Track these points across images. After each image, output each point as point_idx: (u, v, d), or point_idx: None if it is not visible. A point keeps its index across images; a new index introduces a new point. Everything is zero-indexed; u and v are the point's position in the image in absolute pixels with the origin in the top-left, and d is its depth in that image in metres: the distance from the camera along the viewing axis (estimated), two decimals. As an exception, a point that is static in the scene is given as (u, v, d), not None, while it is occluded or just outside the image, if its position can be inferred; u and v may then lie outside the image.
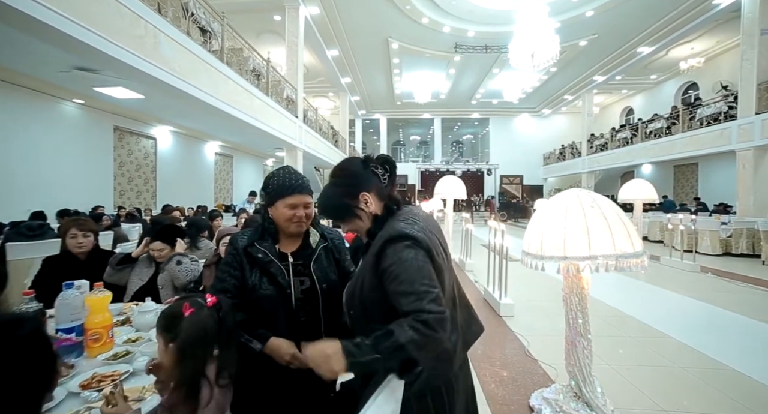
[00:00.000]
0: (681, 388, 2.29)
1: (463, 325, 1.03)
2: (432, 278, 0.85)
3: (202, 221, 2.87)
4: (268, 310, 1.13)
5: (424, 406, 0.91)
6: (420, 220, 0.95)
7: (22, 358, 0.47)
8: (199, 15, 5.39)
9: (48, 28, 2.97)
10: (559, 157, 18.72)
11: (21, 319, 0.50)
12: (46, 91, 6.19)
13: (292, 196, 1.16)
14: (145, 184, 8.88)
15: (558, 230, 1.72)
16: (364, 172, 1.01)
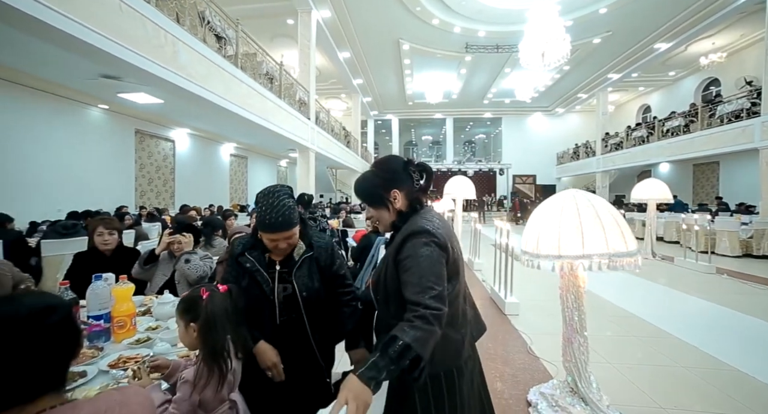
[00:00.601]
0: (680, 387, 2.30)
1: (472, 320, 1.13)
2: (440, 276, 0.93)
3: (216, 220, 3.04)
4: (255, 309, 1.25)
5: (437, 386, 1.00)
6: (438, 219, 1.06)
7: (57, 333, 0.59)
8: (215, 23, 5.60)
9: (78, 41, 3.19)
10: (573, 157, 18.42)
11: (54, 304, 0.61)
12: (75, 98, 6.55)
13: (271, 233, 1.23)
14: (164, 184, 9.24)
15: (553, 230, 1.78)
16: (402, 172, 1.11)
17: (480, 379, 1.17)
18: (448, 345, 0.99)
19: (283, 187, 1.30)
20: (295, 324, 1.29)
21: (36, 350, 0.56)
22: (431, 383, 0.99)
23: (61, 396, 0.60)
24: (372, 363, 0.80)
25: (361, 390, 0.76)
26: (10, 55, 4.87)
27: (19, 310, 0.56)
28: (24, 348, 0.55)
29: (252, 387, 1.21)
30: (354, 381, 0.77)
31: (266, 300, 1.27)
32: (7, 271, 1.82)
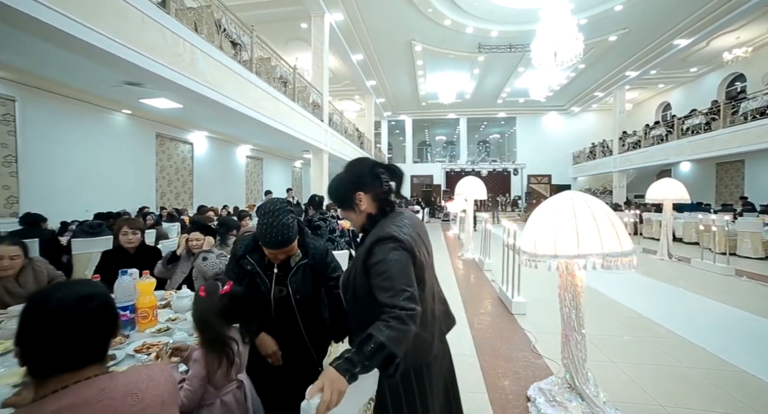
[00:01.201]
0: (682, 386, 2.31)
1: (440, 316, 1.20)
2: (410, 279, 0.99)
3: (231, 221, 3.20)
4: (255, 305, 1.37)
5: (407, 381, 1.09)
6: (408, 224, 1.10)
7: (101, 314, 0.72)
8: (231, 30, 5.81)
9: (105, 53, 3.41)
10: (589, 156, 18.05)
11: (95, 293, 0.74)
12: (101, 104, 6.91)
13: (270, 249, 1.36)
14: (183, 186, 9.59)
15: (550, 230, 1.84)
16: (368, 174, 1.14)
17: (449, 370, 1.24)
18: (419, 343, 1.06)
19: (282, 204, 1.37)
20: (289, 321, 1.43)
21: (81, 328, 0.69)
22: (401, 378, 1.05)
23: (103, 367, 0.74)
24: (347, 358, 0.86)
25: (336, 378, 0.82)
26: (45, 67, 5.21)
27: (68, 295, 0.70)
28: (72, 326, 0.68)
29: (256, 371, 1.33)
30: (331, 370, 0.84)
31: (264, 299, 1.41)
32: (42, 268, 2.01)
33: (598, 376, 2.23)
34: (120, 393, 0.68)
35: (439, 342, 1.15)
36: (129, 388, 0.70)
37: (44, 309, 0.67)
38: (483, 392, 2.23)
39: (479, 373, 2.46)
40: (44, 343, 0.66)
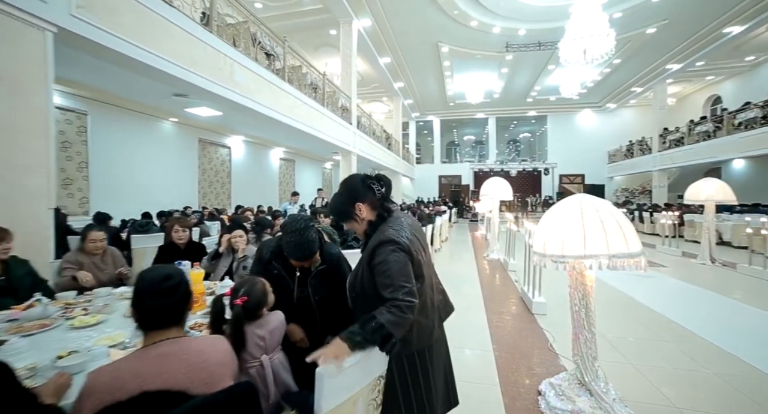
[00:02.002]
0: (702, 390, 2.30)
1: (439, 305, 1.37)
2: (409, 276, 1.15)
3: (266, 220, 3.51)
4: (280, 303, 1.56)
5: (413, 362, 1.26)
6: (405, 227, 1.26)
7: (178, 289, 0.97)
8: (265, 42, 6.22)
9: (157, 71, 3.87)
10: (626, 155, 17.16)
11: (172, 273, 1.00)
12: (152, 114, 7.62)
13: (297, 261, 1.59)
14: (221, 187, 10.27)
15: (558, 231, 1.94)
16: (361, 186, 1.30)
17: (446, 353, 1.40)
18: (422, 330, 1.23)
19: (306, 221, 1.56)
20: (310, 318, 1.65)
21: (163, 297, 0.95)
22: (408, 360, 1.23)
23: (182, 331, 1.01)
24: (350, 330, 1.03)
25: (340, 344, 1.00)
26: (110, 84, 5.89)
27: (157, 274, 0.98)
28: (157, 295, 0.95)
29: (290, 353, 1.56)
30: (337, 339, 1.02)
31: (286, 297, 1.62)
32: (117, 253, 2.55)
33: (613, 375, 2.29)
34: (193, 351, 0.95)
35: (438, 328, 1.32)
36: (199, 349, 0.97)
37: (141, 283, 0.96)
38: (495, 385, 2.34)
39: (494, 368, 2.57)
40: (143, 307, 0.95)
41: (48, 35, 2.80)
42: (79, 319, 1.66)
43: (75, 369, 1.17)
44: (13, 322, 1.64)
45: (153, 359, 0.90)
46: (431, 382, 1.26)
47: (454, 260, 7.11)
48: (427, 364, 1.27)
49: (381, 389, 1.19)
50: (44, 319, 1.66)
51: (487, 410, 2.07)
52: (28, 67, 2.68)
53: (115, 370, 0.88)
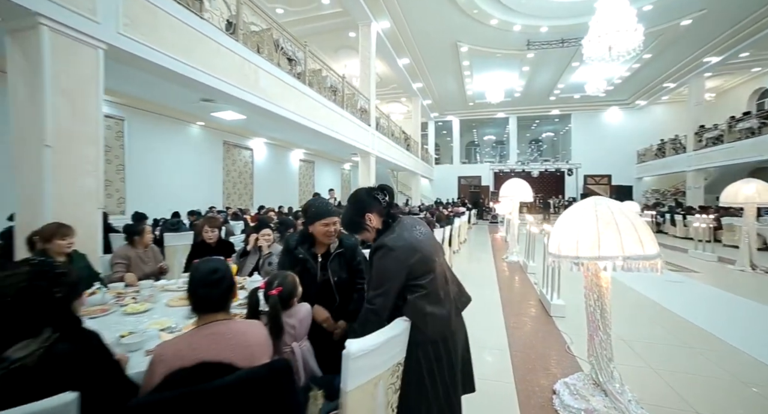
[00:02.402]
0: (728, 397, 2.26)
1: (455, 295, 1.45)
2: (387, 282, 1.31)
3: (289, 220, 3.68)
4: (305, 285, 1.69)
5: (435, 348, 1.34)
6: (405, 231, 1.38)
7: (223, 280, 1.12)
8: (287, 48, 6.44)
9: (187, 79, 4.11)
10: (657, 154, 16.45)
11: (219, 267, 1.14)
12: (181, 118, 8.01)
13: (326, 218, 1.77)
14: (244, 188, 10.65)
15: (572, 233, 1.97)
16: (367, 198, 1.44)
17: (464, 342, 1.49)
18: (437, 320, 1.32)
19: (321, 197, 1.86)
20: (330, 298, 1.81)
21: (211, 286, 1.12)
22: (432, 347, 1.32)
23: (229, 315, 1.18)
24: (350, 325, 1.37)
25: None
26: (144, 91, 6.28)
27: (205, 267, 1.15)
28: (206, 284, 1.11)
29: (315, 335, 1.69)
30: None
31: (311, 280, 1.78)
32: (156, 250, 2.75)
33: (632, 379, 2.30)
34: (238, 332, 1.11)
35: (455, 317, 1.40)
36: (243, 330, 1.14)
37: (195, 275, 1.15)
38: (510, 383, 2.39)
39: (509, 367, 2.61)
40: (195, 294, 1.13)
41: (100, 52, 3.07)
42: (131, 307, 1.91)
43: (134, 347, 1.39)
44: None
45: (206, 336, 1.08)
46: (454, 368, 1.35)
47: (472, 262, 7.10)
48: (450, 351, 1.35)
49: (399, 375, 1.28)
50: (104, 305, 1.94)
51: (500, 407, 2.12)
52: (83, 81, 2.95)
53: (176, 344, 1.07)
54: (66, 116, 2.84)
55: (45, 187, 2.72)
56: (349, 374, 1.04)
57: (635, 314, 3.87)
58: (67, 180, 2.85)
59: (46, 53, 2.70)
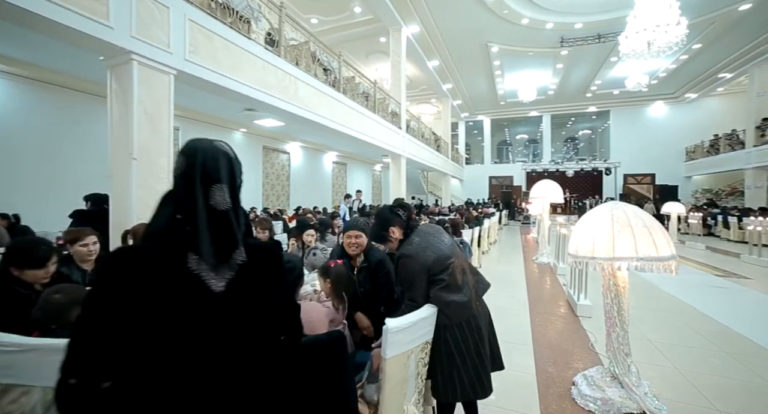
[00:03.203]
0: (753, 397, 2.31)
1: (474, 284, 1.70)
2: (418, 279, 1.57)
3: (328, 221, 4.06)
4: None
5: (461, 329, 1.59)
6: (421, 239, 1.66)
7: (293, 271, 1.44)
8: (323, 59, 6.86)
9: (236, 94, 4.60)
10: (709, 151, 15.33)
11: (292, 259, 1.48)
12: (226, 126, 8.73)
13: (349, 231, 2.15)
14: (282, 189, 11.30)
15: (589, 235, 2.14)
16: (390, 215, 1.73)
17: (488, 323, 1.73)
18: (459, 305, 1.57)
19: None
20: (358, 307, 2.05)
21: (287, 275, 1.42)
22: (458, 329, 1.57)
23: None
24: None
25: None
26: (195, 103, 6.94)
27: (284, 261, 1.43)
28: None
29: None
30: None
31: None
32: None
33: (653, 376, 2.41)
34: (303, 310, 1.38)
35: (476, 301, 1.65)
36: (306, 310, 1.42)
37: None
38: (532, 374, 2.57)
39: (531, 360, 2.79)
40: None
41: (171, 77, 3.59)
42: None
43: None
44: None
45: None
46: (480, 347, 1.60)
47: (501, 263, 7.16)
48: (474, 332, 1.61)
49: (428, 352, 1.56)
50: None
51: (520, 394, 2.32)
52: (159, 102, 3.47)
53: None
54: (146, 132, 3.37)
55: (132, 192, 3.26)
56: (388, 345, 1.32)
57: (668, 318, 3.86)
58: (146, 186, 3.37)
59: (135, 82, 3.24)
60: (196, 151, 0.82)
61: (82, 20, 2.88)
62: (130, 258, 0.72)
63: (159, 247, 0.75)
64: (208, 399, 0.72)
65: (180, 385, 0.70)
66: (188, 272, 0.73)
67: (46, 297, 1.38)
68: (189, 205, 0.77)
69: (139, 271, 0.70)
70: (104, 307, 0.67)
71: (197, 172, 0.80)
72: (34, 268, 1.69)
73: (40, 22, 2.74)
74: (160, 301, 0.70)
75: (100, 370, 0.65)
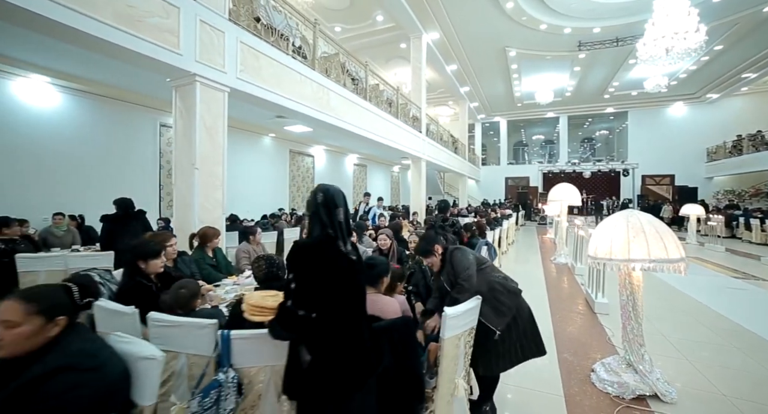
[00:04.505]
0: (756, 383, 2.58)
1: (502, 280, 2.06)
2: (471, 264, 1.97)
3: (364, 224, 4.45)
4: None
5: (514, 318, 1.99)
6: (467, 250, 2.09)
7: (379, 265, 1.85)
8: (351, 69, 7.26)
9: (274, 105, 5.01)
10: (732, 152, 15.09)
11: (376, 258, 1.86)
12: (256, 131, 9.24)
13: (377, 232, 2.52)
14: (306, 191, 11.78)
15: (607, 239, 2.45)
16: (435, 236, 2.16)
17: (529, 317, 2.09)
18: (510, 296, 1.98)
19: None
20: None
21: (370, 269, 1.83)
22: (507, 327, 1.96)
23: (376, 289, 1.89)
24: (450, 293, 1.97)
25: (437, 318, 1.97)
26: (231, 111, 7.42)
27: (368, 261, 1.83)
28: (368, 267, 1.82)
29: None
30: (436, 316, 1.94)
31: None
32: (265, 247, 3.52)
33: (665, 367, 2.69)
34: (381, 301, 1.77)
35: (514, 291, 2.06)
36: (384, 301, 1.80)
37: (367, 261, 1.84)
38: (555, 362, 2.89)
39: (554, 350, 3.10)
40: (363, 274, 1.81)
41: (225, 94, 4.03)
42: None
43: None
44: (236, 285, 2.72)
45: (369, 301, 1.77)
46: (520, 333, 1.98)
47: (519, 263, 7.42)
48: (518, 322, 2.01)
49: (473, 336, 1.92)
50: (252, 285, 2.71)
51: (546, 378, 2.65)
52: (216, 117, 3.92)
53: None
54: (206, 145, 3.82)
55: (194, 198, 3.72)
56: (446, 327, 1.68)
57: (683, 316, 4.09)
58: (205, 192, 3.82)
59: (197, 100, 3.69)
60: (328, 190, 1.42)
61: (159, 50, 3.33)
62: (312, 246, 1.32)
63: (323, 239, 1.34)
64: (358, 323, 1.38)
65: (345, 314, 1.33)
66: (340, 251, 1.35)
67: (176, 291, 1.87)
68: (330, 219, 1.37)
69: (318, 252, 1.31)
70: (308, 273, 1.28)
71: (330, 202, 1.39)
72: (154, 258, 2.15)
73: (125, 53, 3.19)
74: (333, 267, 1.32)
75: (311, 307, 1.26)
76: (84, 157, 6.08)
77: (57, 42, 3.20)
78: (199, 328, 1.61)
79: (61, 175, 5.77)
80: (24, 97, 5.38)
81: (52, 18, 2.61)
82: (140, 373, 1.23)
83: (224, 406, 1.35)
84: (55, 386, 0.97)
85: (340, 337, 1.29)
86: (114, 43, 2.99)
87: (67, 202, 5.60)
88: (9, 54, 4.86)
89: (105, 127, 6.35)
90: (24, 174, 5.36)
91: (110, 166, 6.42)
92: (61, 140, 5.78)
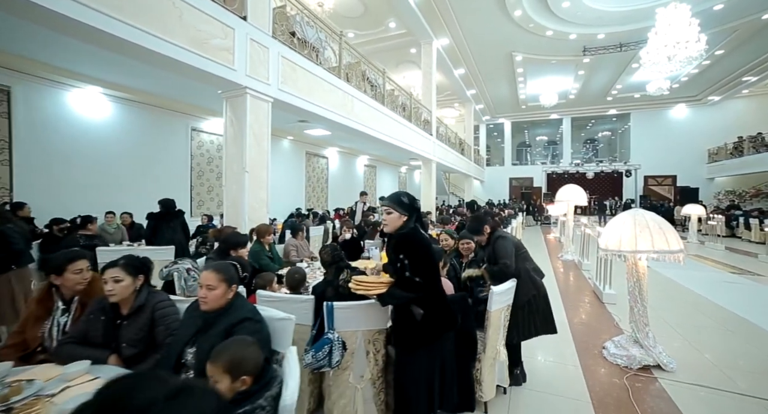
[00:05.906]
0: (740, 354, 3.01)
1: (531, 267, 2.49)
2: (511, 250, 2.37)
3: (377, 222, 4.90)
4: None
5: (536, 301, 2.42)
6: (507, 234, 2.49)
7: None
8: (370, 76, 7.69)
9: (306, 112, 5.44)
10: (733, 153, 15.46)
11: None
12: (277, 134, 9.67)
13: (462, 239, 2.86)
14: (321, 191, 12.24)
15: (616, 234, 2.87)
16: (485, 217, 2.59)
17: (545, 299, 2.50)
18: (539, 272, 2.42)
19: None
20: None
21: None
22: (527, 302, 2.39)
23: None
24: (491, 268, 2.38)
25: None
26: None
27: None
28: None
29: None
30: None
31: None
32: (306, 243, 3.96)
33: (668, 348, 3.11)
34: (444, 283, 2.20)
35: (540, 280, 2.47)
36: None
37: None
38: (570, 341, 3.32)
39: (569, 332, 3.53)
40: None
41: (269, 104, 4.48)
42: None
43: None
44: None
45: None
46: (537, 311, 2.41)
47: (529, 259, 7.83)
48: (540, 300, 2.44)
49: (510, 311, 2.35)
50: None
51: (563, 353, 3.08)
52: (261, 125, 4.36)
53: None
54: (254, 150, 4.26)
55: (244, 198, 4.16)
56: (493, 302, 2.12)
57: (683, 305, 4.52)
58: (253, 193, 4.27)
59: (247, 110, 4.13)
60: (415, 198, 1.86)
61: (219, 67, 3.77)
62: (415, 234, 1.76)
63: (417, 229, 1.79)
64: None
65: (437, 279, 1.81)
66: (427, 237, 1.84)
67: (291, 275, 2.34)
68: (419, 217, 1.77)
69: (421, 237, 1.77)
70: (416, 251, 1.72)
71: (419, 205, 1.87)
72: (243, 248, 2.61)
73: (193, 71, 3.64)
74: (429, 246, 1.77)
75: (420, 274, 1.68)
76: (129, 161, 6.56)
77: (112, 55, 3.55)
78: (300, 302, 2.06)
79: (111, 178, 6.27)
80: (79, 107, 5.87)
81: (141, 45, 3.05)
82: (278, 330, 1.67)
83: (334, 357, 1.79)
84: (245, 329, 1.41)
85: (438, 295, 1.76)
86: (186, 63, 3.44)
87: (113, 202, 6.05)
88: (67, 66, 5.31)
89: (146, 133, 6.82)
90: (78, 178, 5.83)
91: (150, 168, 6.87)
92: (111, 146, 6.27)
